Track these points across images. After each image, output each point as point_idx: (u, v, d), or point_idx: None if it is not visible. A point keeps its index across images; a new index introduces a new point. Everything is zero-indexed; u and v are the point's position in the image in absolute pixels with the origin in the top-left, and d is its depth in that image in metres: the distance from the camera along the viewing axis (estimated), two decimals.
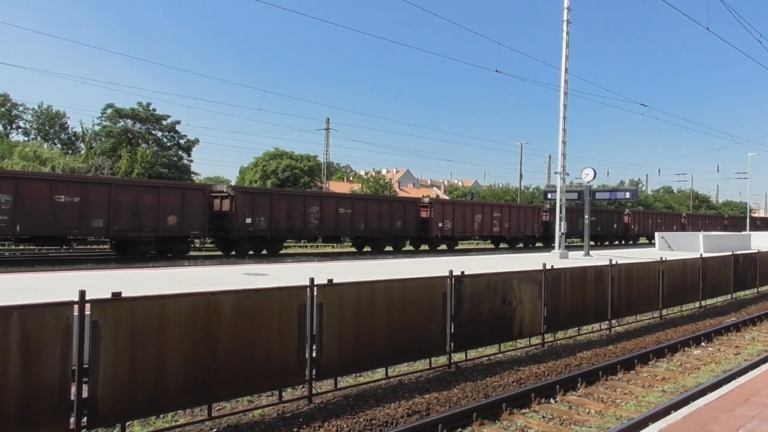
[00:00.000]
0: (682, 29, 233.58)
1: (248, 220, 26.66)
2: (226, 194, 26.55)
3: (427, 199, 37.74)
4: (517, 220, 41.85)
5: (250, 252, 27.78)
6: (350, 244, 37.36)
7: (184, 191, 25.30)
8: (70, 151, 62.03)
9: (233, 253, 27.07)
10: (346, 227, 31.44)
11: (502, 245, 42.67)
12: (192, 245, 28.62)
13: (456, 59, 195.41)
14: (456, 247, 38.94)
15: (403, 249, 35.57)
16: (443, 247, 37.56)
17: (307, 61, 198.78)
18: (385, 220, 33.29)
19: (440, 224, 35.92)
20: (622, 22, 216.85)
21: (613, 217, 52.56)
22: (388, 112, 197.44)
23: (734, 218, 76.40)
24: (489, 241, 46.17)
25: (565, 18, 22.17)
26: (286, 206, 28.42)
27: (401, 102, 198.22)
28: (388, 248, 34.65)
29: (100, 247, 32.17)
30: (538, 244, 44.87)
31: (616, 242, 54.45)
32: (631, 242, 56.11)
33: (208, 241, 32.38)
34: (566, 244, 43.21)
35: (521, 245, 43.15)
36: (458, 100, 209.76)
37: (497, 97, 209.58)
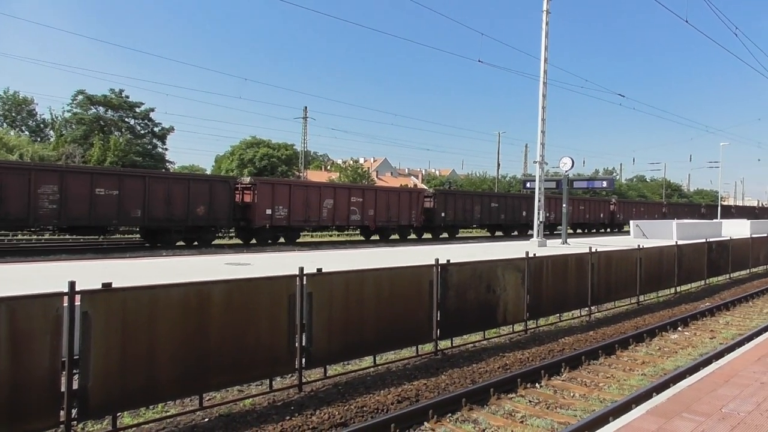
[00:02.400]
0: (662, 21, 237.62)
1: None
2: None
3: (248, 179, 29.90)
4: (387, 206, 34.29)
5: None
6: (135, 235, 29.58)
7: None
8: (39, 139, 60.70)
9: None
10: (110, 213, 23.25)
11: (374, 237, 35.77)
12: None
13: (438, 48, 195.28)
14: (298, 240, 31.59)
15: (213, 243, 27.56)
16: (282, 240, 30.23)
17: (285, 48, 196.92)
18: (177, 204, 25.11)
19: (269, 211, 28.12)
20: (604, 13, 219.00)
21: (521, 204, 44.67)
22: (367, 101, 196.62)
23: (674, 205, 70.84)
24: (351, 233, 39.24)
25: (545, 8, 22.31)
26: None
27: (380, 91, 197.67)
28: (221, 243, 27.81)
29: None
30: (426, 235, 38.55)
31: (530, 232, 42.99)
32: (547, 232, 47.43)
33: None
34: (460, 234, 39.55)
35: (396, 237, 36.18)
36: (438, 89, 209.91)
37: (476, 86, 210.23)
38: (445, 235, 39.47)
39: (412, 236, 37.98)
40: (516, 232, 44.90)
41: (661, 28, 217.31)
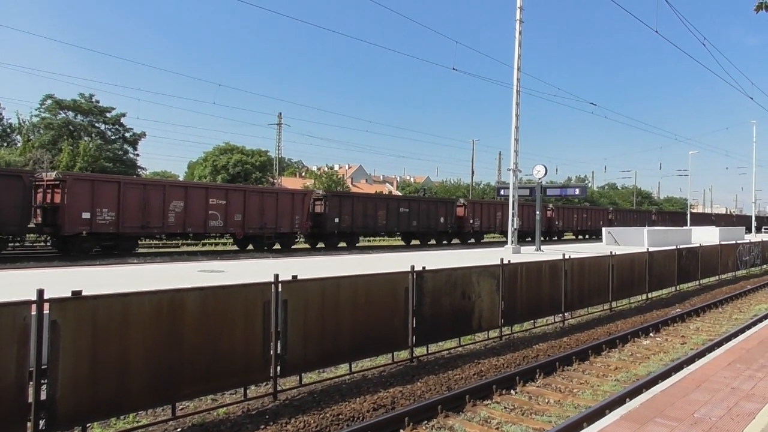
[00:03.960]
0: (632, 31, 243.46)
1: None
2: None
3: (54, 174, 23.50)
4: (261, 210, 28.76)
5: None
6: None
7: None
8: (6, 144, 59.34)
9: None
10: None
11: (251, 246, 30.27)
12: None
13: (413, 56, 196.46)
14: (136, 251, 26.45)
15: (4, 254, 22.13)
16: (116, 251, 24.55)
17: (260, 54, 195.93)
18: None
19: (86, 214, 22.77)
20: (575, 22, 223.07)
21: (439, 210, 40.26)
22: (342, 108, 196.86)
23: (621, 212, 66.57)
24: (220, 241, 34.09)
25: (517, 17, 22.57)
26: None
27: (355, 97, 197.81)
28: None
29: None
30: (319, 245, 33.52)
31: (455, 241, 41.91)
32: (472, 240, 43.03)
33: None
34: (363, 243, 34.32)
35: (278, 246, 30.51)
36: (412, 96, 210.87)
37: (451, 94, 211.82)
38: (343, 244, 34.50)
39: (303, 245, 33.87)
40: (433, 241, 39.91)
41: (632, 38, 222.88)
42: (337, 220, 32.85)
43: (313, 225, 31.98)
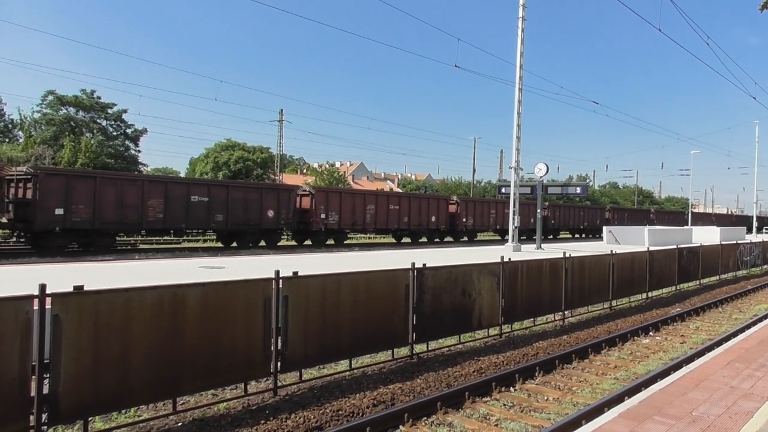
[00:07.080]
0: (635, 30, 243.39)
1: None
2: None
3: None
4: None
5: None
6: None
7: None
8: (8, 140, 59.40)
9: None
10: None
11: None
12: None
13: (415, 53, 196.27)
14: None
15: None
16: None
17: (262, 51, 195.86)
18: None
19: None
20: (579, 21, 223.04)
21: (266, 200, 28.87)
22: (344, 105, 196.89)
23: (561, 207, 54.03)
24: None
25: (520, 15, 22.56)
26: None
27: (357, 94, 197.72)
28: None
29: None
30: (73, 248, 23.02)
31: (307, 242, 32.37)
32: (331, 241, 33.05)
33: None
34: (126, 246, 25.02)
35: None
36: (414, 93, 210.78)
37: (453, 91, 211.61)
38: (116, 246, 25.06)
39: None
40: (263, 242, 29.59)
41: (635, 37, 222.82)
42: (60, 211, 21.62)
43: (17, 218, 21.82)
